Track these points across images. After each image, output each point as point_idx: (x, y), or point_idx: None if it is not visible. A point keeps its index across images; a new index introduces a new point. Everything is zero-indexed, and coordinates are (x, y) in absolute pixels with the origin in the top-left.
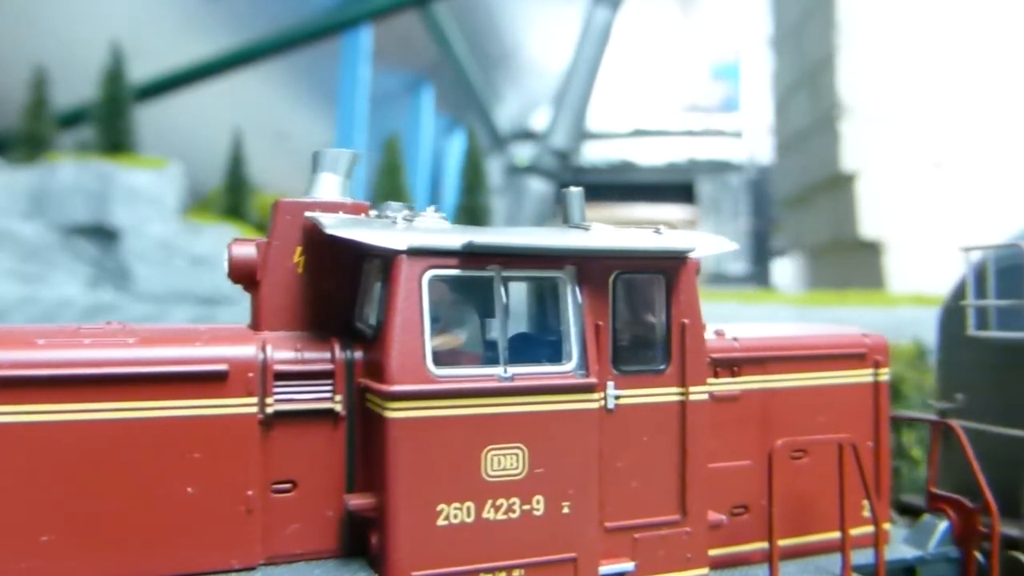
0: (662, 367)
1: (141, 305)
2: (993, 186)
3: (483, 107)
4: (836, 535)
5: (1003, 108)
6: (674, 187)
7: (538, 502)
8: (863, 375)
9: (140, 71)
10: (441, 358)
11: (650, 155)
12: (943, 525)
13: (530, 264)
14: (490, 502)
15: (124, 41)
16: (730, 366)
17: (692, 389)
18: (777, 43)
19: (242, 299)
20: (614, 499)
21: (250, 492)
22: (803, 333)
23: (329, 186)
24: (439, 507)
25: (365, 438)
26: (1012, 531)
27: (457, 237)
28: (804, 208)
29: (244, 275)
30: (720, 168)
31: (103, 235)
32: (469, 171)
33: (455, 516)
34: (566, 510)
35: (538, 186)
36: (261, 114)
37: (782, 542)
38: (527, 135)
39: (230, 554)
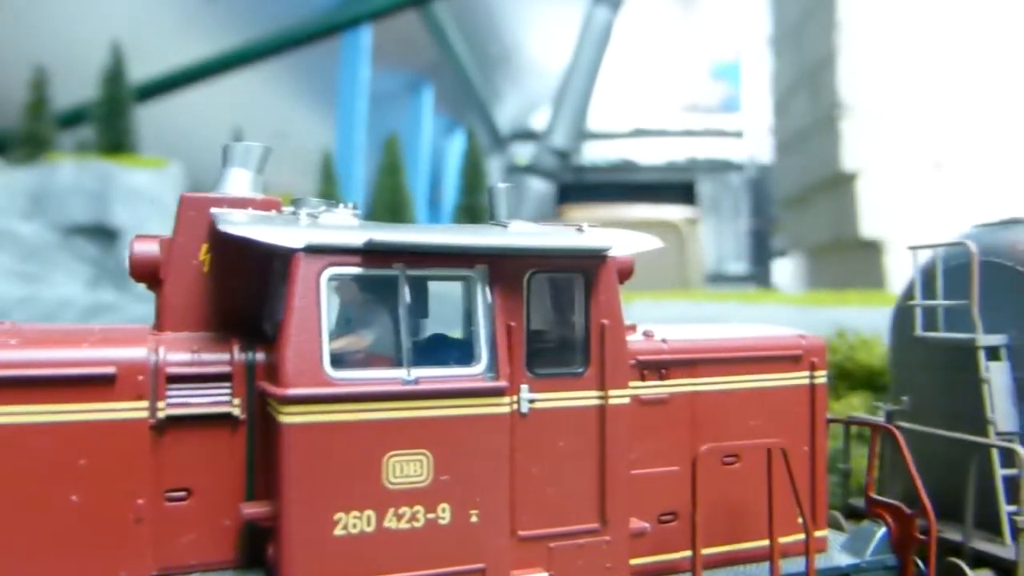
0: (580, 370)
1: (141, 305)
2: (993, 186)
3: (483, 107)
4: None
5: (1003, 108)
6: (674, 187)
7: (444, 510)
8: (799, 377)
9: (140, 71)
10: (346, 360)
11: (650, 155)
12: (881, 532)
13: (438, 263)
14: (392, 510)
15: (124, 41)
16: (658, 368)
17: (612, 393)
18: (777, 43)
19: None
20: (528, 507)
21: (140, 500)
22: (737, 335)
23: (239, 181)
24: (337, 516)
25: (266, 444)
26: (955, 536)
27: (360, 235)
28: (804, 208)
29: (146, 273)
30: (720, 168)
31: (103, 235)
32: (469, 171)
33: (354, 526)
34: (474, 518)
35: (538, 186)
36: (261, 114)
37: (713, 550)
38: (527, 135)
39: (118, 565)
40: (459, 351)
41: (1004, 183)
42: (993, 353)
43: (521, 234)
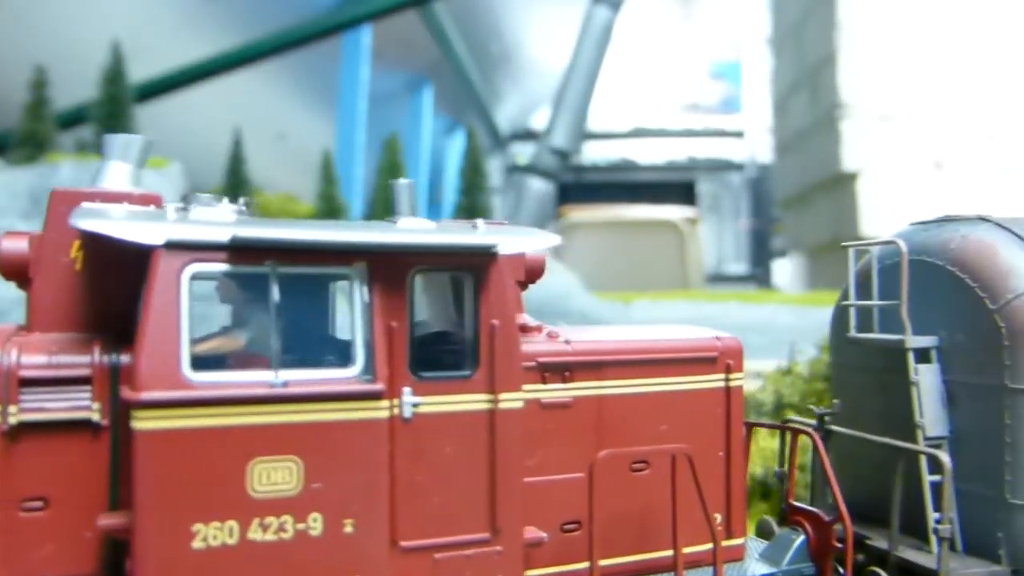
0: (468, 372)
1: None
2: (993, 186)
3: (483, 107)
4: (684, 551)
5: (1003, 108)
6: (674, 186)
7: (315, 520)
8: (713, 380)
9: (140, 71)
10: (216, 362)
11: (650, 154)
12: (799, 540)
13: (313, 260)
14: (257, 521)
15: (124, 41)
16: (561, 371)
17: (503, 396)
18: (777, 43)
19: None
20: (412, 516)
21: None
22: (648, 336)
23: (117, 175)
24: (195, 528)
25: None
26: (881, 544)
27: (228, 231)
28: (804, 208)
29: (16, 271)
30: (721, 167)
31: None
32: (469, 171)
33: (214, 538)
34: (349, 529)
35: (538, 186)
36: (261, 114)
37: (620, 560)
38: (527, 135)
39: None
40: (339, 353)
41: (1004, 183)
42: (923, 355)
43: (405, 231)
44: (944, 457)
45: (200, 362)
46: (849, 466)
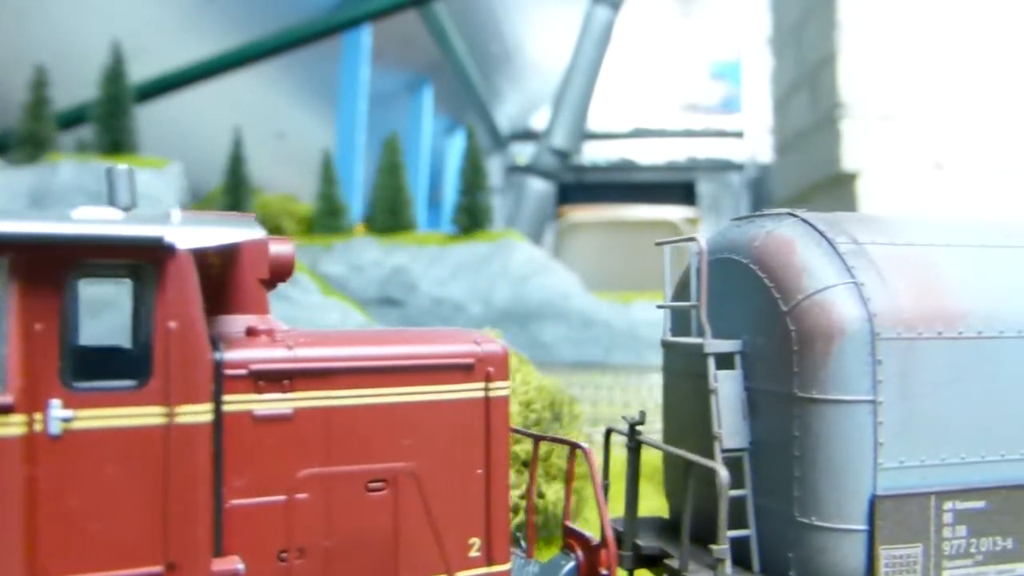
0: (136, 382)
1: None
2: (993, 186)
3: (483, 107)
4: None
5: (1004, 108)
6: (674, 186)
7: None
8: (471, 390)
9: (140, 71)
10: None
11: (650, 154)
12: (569, 565)
13: None
14: None
15: (124, 41)
16: (279, 379)
17: (182, 409)
18: (777, 43)
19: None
20: (64, 546)
21: None
22: (394, 341)
23: None
24: None
25: None
26: (673, 562)
27: None
28: (805, 207)
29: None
30: (721, 167)
31: None
32: (469, 171)
33: None
34: None
35: (538, 186)
36: (261, 114)
37: None
38: (527, 135)
39: None
40: None
41: (1004, 183)
42: (727, 361)
43: (64, 221)
44: (722, 471)
45: None
46: (673, 478)
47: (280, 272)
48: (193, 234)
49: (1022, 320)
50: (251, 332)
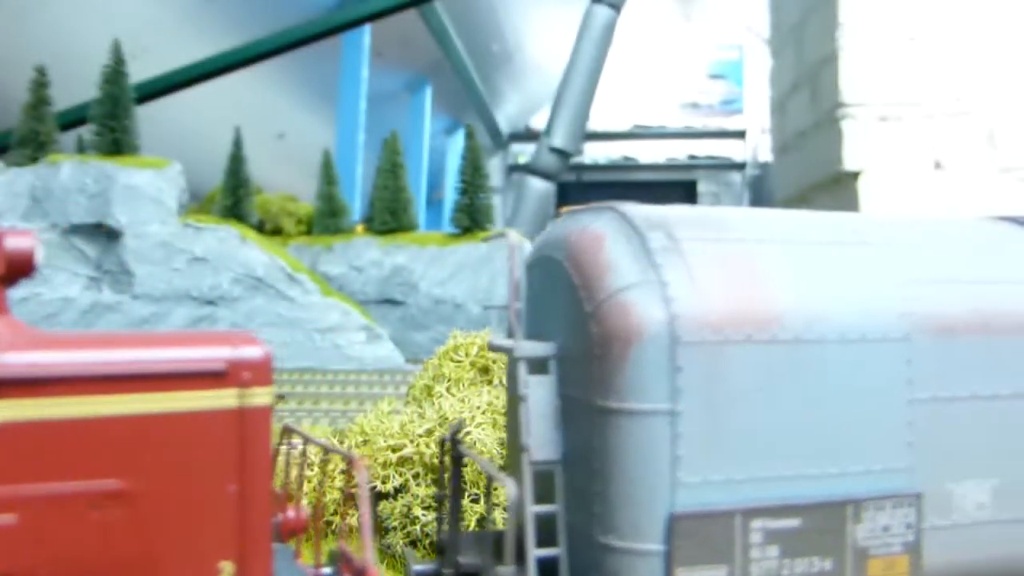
0: None
1: (141, 305)
2: (993, 186)
3: (483, 107)
4: None
5: (1003, 108)
6: (675, 185)
7: None
8: (220, 398)
9: (140, 71)
10: None
11: (651, 153)
12: None
13: None
14: None
15: (124, 41)
16: None
17: None
18: (777, 42)
19: (243, 299)
20: None
21: None
22: (132, 344)
23: None
24: None
25: None
26: None
27: None
28: (805, 207)
29: None
30: (721, 167)
31: (103, 235)
32: (469, 171)
33: None
34: None
35: (538, 185)
36: (261, 114)
37: None
38: (528, 135)
39: None
40: None
41: (1004, 183)
42: (541, 365)
43: None
44: (510, 485)
45: None
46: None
47: (18, 267)
48: None
49: (847, 324)
50: None
